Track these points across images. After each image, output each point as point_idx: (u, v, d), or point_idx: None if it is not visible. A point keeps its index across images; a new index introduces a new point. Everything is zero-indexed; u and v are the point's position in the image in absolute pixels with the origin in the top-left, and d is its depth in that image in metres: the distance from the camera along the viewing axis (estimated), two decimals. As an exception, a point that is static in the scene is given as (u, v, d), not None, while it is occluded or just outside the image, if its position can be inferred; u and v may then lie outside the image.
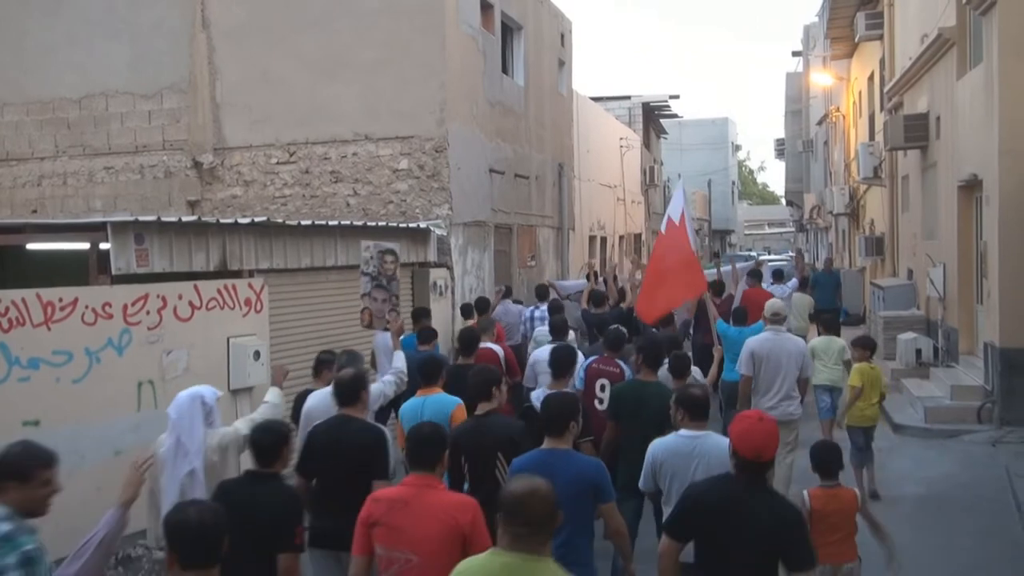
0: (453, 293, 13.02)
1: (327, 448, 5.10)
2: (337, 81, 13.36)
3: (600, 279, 13.44)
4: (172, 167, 14.23)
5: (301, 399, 6.51)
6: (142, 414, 7.24)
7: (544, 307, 11.35)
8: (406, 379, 6.56)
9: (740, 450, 3.91)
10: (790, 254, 34.58)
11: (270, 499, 4.36)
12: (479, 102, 14.60)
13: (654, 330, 9.30)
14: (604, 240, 25.52)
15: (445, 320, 12.37)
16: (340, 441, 5.08)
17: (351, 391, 5.27)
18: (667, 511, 4.64)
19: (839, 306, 17.10)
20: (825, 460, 5.35)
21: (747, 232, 63.83)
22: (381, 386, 6.36)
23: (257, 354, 8.21)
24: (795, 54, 35.70)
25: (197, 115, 14.00)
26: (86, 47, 14.27)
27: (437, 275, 12.45)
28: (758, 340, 8.10)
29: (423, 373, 6.18)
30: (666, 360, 6.80)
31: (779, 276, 14.25)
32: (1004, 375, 10.64)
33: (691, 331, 11.92)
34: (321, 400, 6.02)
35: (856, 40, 20.38)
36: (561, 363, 6.48)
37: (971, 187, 12.17)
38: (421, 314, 10.09)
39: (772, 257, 36.16)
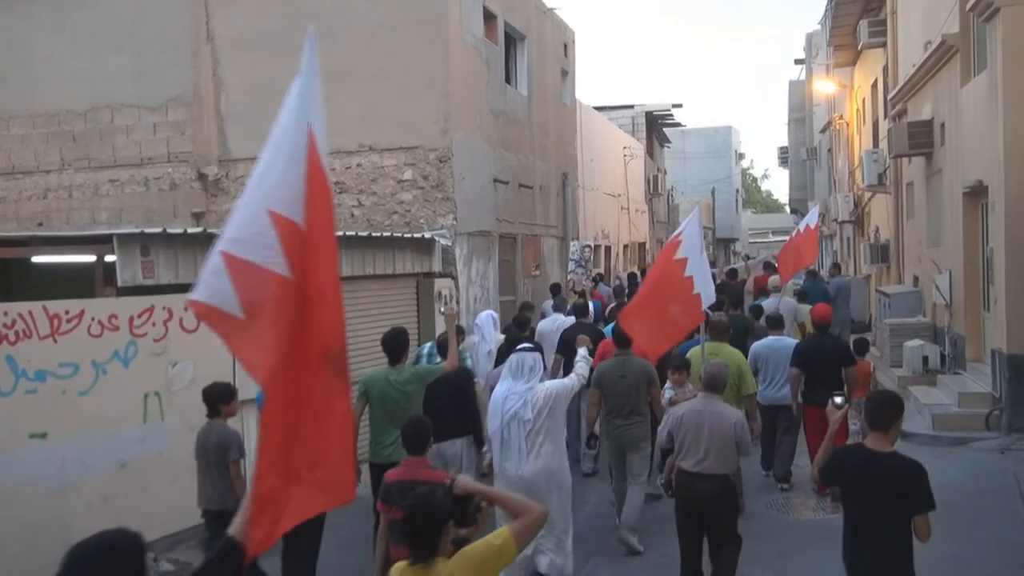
0: (458, 303, 13.01)
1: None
2: (340, 92, 13.34)
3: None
4: (177, 179, 14.26)
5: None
6: (148, 426, 7.24)
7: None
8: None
9: (816, 319, 9.45)
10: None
11: None
12: (483, 112, 14.61)
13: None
14: (608, 249, 25.51)
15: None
16: None
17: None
18: (761, 381, 9.15)
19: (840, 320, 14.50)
20: (857, 345, 10.26)
21: (751, 240, 63.62)
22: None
23: (263, 365, 8.19)
24: (798, 62, 35.66)
25: (202, 127, 14.03)
26: (91, 60, 14.31)
27: (442, 285, 12.44)
28: (767, 302, 12.97)
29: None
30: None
31: None
32: (1012, 382, 10.58)
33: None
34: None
35: (859, 48, 20.35)
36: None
37: (976, 193, 12.14)
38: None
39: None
